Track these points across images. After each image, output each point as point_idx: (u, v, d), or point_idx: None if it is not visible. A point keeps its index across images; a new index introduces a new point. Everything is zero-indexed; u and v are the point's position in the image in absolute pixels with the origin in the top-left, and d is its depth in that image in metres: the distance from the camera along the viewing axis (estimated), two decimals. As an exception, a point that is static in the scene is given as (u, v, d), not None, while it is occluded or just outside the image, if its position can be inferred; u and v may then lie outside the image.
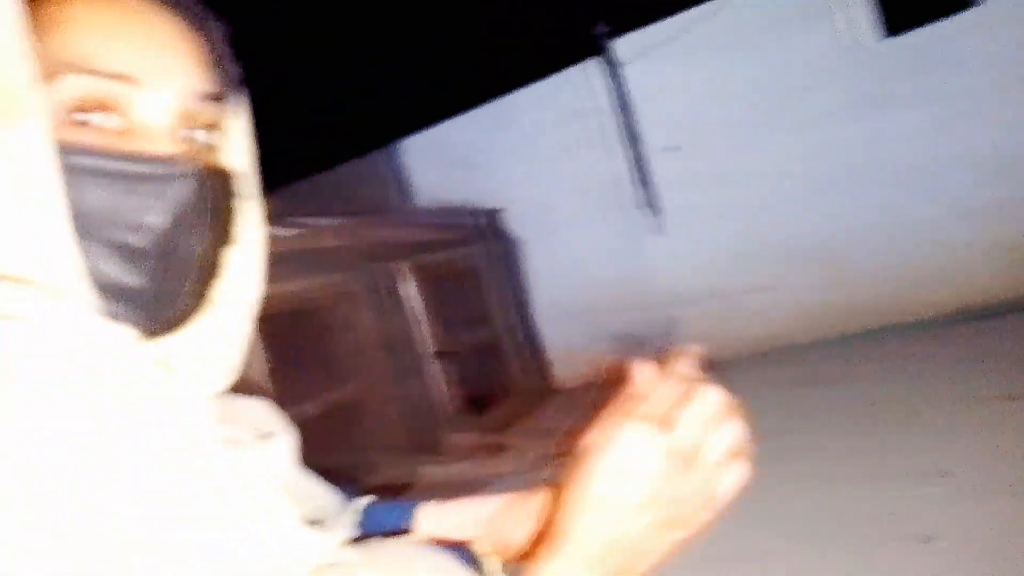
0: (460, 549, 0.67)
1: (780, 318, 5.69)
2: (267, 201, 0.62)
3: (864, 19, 5.19)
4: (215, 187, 0.52)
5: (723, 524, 0.59)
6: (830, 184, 5.42)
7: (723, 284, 5.87)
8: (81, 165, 0.45)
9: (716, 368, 0.62)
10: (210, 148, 0.53)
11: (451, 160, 6.77)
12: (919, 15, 5.02)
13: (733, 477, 0.56)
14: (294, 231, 4.24)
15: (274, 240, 0.61)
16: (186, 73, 0.50)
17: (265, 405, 0.62)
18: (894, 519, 2.61)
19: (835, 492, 2.94)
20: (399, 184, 7.06)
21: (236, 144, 0.58)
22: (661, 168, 5.93)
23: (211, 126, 0.53)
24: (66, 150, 0.45)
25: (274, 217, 0.61)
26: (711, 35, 5.59)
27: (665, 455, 0.52)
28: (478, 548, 0.69)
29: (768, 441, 3.36)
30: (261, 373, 3.75)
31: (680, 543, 0.55)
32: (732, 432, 0.56)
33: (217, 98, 0.53)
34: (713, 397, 0.56)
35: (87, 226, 0.45)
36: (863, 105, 5.26)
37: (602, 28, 5.78)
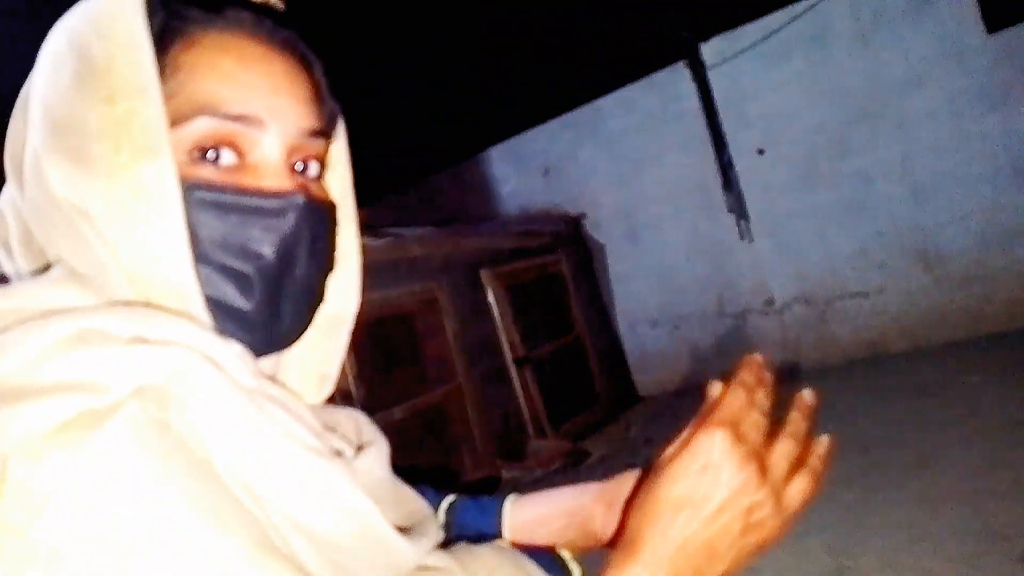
0: (547, 555, 0.68)
1: (876, 325, 5.47)
2: (356, 212, 0.65)
3: (967, 16, 4.94)
4: (321, 216, 0.56)
5: (819, 536, 0.60)
6: (930, 185, 5.19)
7: (814, 290, 5.70)
8: (202, 199, 0.49)
9: (803, 376, 0.61)
10: (316, 179, 0.57)
11: (536, 167, 6.81)
12: (1018, 12, 4.75)
13: (802, 487, 0.56)
14: (381, 240, 4.35)
15: (366, 250, 0.64)
16: (297, 112, 0.54)
17: (359, 414, 0.65)
18: (992, 536, 2.49)
19: (933, 506, 2.82)
20: (484, 192, 7.15)
21: (336, 172, 0.62)
22: (750, 172, 5.80)
23: (316, 158, 0.57)
24: (189, 185, 0.49)
25: (362, 227, 0.65)
26: (800, 36, 5.45)
27: (741, 462, 0.53)
28: (565, 554, 0.70)
29: (864, 453, 3.29)
30: (348, 379, 3.86)
31: (755, 550, 0.56)
32: (800, 442, 0.57)
33: (322, 133, 0.56)
34: (793, 411, 0.58)
35: (205, 254, 0.50)
36: (965, 104, 5.02)
37: (689, 31, 5.70)
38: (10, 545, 0.37)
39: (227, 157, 0.51)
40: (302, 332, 0.57)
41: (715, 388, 0.62)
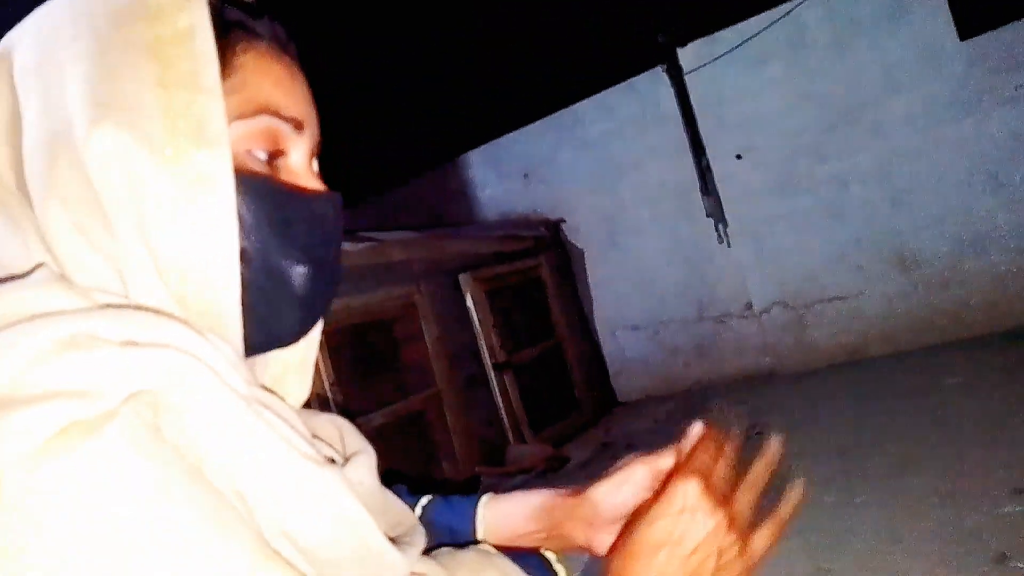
0: (533, 557, 0.68)
1: (855, 329, 5.52)
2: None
3: (942, 22, 5.01)
4: (337, 215, 0.60)
5: (798, 538, 0.64)
6: (906, 190, 5.25)
7: (793, 294, 5.74)
8: (256, 191, 0.51)
9: (782, 381, 0.66)
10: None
11: (515, 172, 6.82)
12: (990, 19, 4.82)
13: (766, 533, 0.62)
14: (360, 245, 4.33)
15: (347, 255, 0.64)
16: (316, 121, 0.58)
17: (342, 421, 0.65)
18: (969, 537, 2.52)
19: (911, 509, 2.84)
20: (464, 196, 7.14)
21: None
22: (728, 177, 5.84)
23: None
24: (243, 177, 0.50)
25: (347, 232, 0.66)
26: (778, 42, 5.50)
27: (713, 508, 0.58)
28: (550, 555, 0.71)
29: (843, 456, 3.32)
30: (326, 385, 3.83)
31: None
32: (760, 491, 0.63)
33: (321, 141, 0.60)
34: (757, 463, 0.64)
35: (253, 242, 0.51)
36: (941, 109, 5.08)
37: (667, 36, 5.74)
38: (8, 560, 0.36)
39: (274, 156, 0.54)
40: (319, 321, 0.60)
41: (689, 440, 0.67)
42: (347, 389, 3.98)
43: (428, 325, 4.79)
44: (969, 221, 5.06)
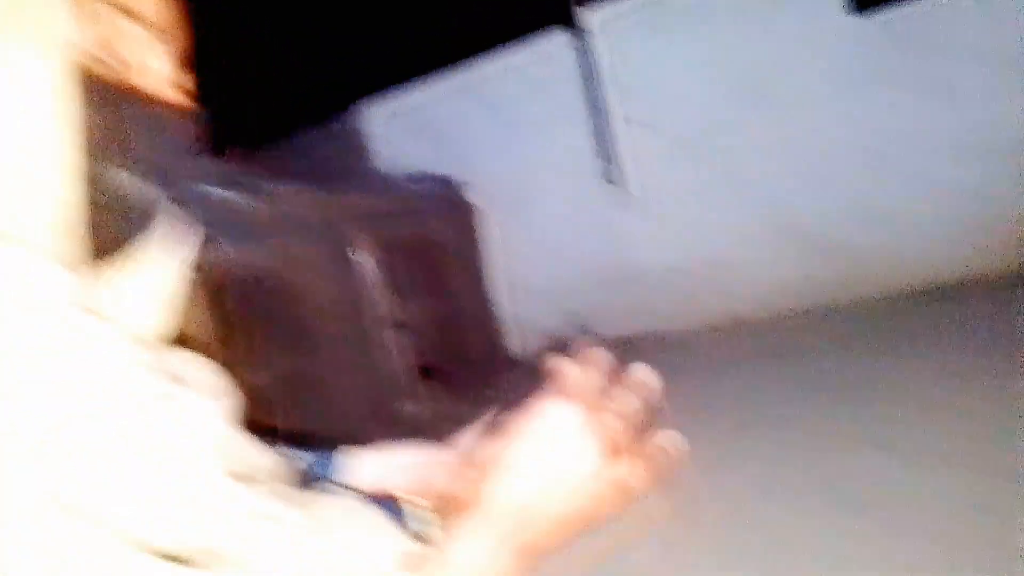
0: (388, 503, 0.68)
1: (748, 296, 5.74)
2: (228, 165, 0.64)
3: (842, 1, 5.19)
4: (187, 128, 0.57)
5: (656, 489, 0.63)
6: (804, 164, 5.45)
7: (690, 262, 5.92)
8: (95, 94, 0.47)
9: (674, 346, 0.64)
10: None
11: (418, 130, 6.71)
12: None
13: (646, 468, 0.60)
14: (254, 196, 4.16)
15: (233, 205, 0.62)
16: (182, 26, 0.55)
17: (207, 364, 0.62)
18: (832, 488, 2.70)
19: (776, 461, 3.03)
20: (364, 152, 6.97)
21: None
22: (632, 144, 5.93)
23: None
24: (84, 79, 0.47)
25: (234, 182, 0.63)
26: (684, 11, 5.58)
27: (585, 434, 0.56)
28: (408, 502, 0.70)
29: (721, 413, 3.41)
30: (212, 337, 3.70)
31: (593, 524, 0.58)
32: (644, 420, 0.61)
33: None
34: (635, 381, 0.62)
35: (88, 149, 0.47)
36: (841, 85, 5.28)
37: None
38: None
39: (126, 61, 0.52)
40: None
41: (560, 363, 0.65)
42: (231, 343, 3.85)
43: (320, 281, 4.69)
44: (860, 196, 5.31)
